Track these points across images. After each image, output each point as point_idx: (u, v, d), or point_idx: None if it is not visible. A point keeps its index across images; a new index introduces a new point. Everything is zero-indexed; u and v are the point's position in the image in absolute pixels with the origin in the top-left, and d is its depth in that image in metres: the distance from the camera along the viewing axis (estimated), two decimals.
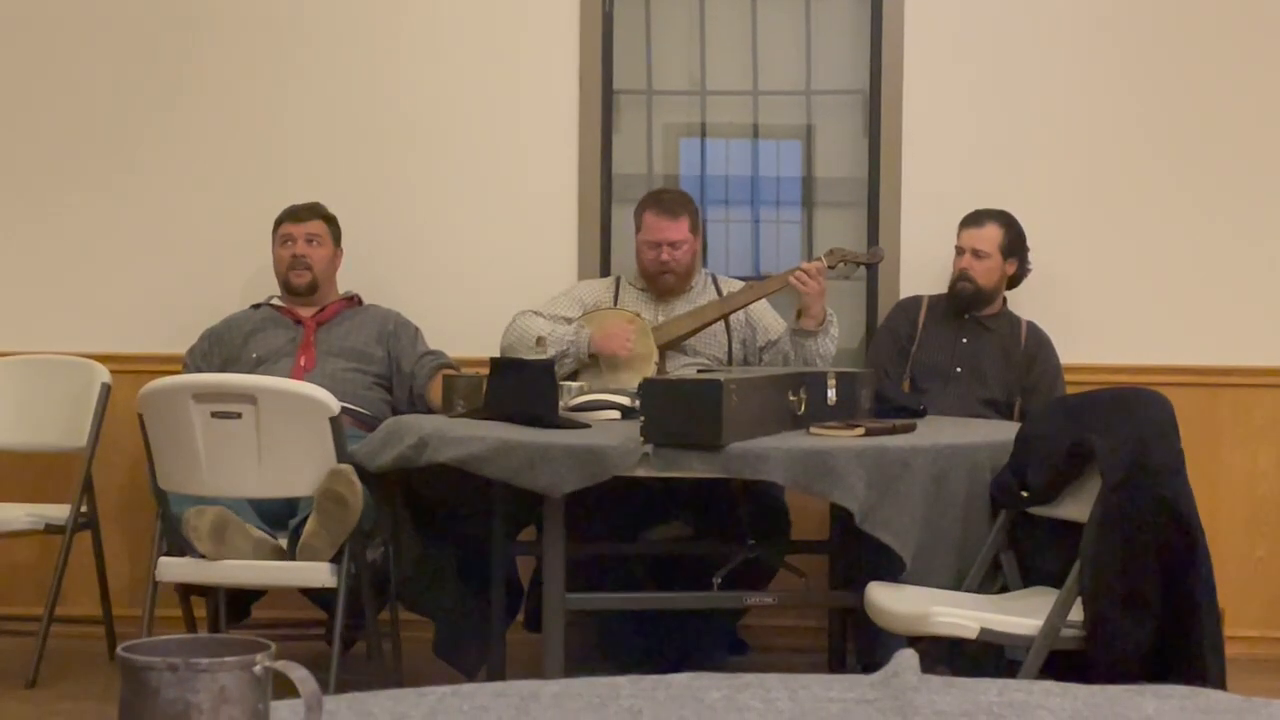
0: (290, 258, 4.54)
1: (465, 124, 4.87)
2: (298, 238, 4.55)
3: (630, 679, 1.49)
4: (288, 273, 4.55)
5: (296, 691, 1.18)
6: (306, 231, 4.55)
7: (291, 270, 4.54)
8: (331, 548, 3.65)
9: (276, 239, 4.58)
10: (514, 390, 3.64)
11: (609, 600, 3.87)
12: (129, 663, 1.15)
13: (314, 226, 4.57)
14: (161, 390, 3.74)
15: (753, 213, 5.03)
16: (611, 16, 4.89)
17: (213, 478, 3.70)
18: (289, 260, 4.54)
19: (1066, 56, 4.84)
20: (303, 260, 4.53)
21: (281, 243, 4.57)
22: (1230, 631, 3.28)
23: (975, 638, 3.07)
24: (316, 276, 4.54)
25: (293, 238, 4.55)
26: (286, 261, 4.55)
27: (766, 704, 1.42)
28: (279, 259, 4.57)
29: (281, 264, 4.56)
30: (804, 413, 3.60)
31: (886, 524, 3.30)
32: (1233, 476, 4.77)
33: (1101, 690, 1.48)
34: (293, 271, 4.54)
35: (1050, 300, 4.72)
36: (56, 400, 4.57)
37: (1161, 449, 3.09)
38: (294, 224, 4.56)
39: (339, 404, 3.72)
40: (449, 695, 1.43)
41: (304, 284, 4.54)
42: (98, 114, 4.91)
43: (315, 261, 4.54)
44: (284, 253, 4.56)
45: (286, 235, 4.56)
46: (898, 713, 1.39)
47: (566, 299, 4.50)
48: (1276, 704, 1.44)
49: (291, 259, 4.54)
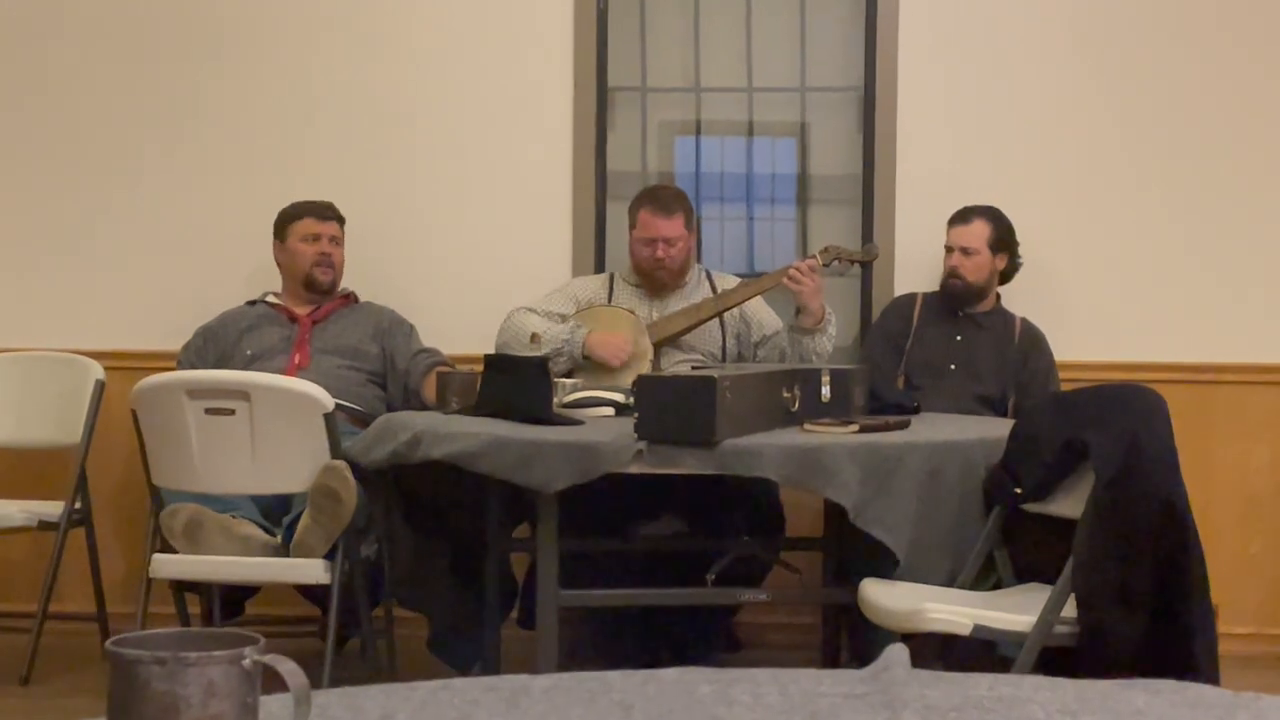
0: (318, 255, 4.52)
1: (460, 121, 4.88)
2: (324, 236, 4.53)
3: (621, 674, 1.49)
4: (313, 269, 4.52)
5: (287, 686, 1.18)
6: (332, 232, 4.55)
7: (318, 267, 4.52)
8: (325, 544, 3.65)
9: (296, 233, 4.54)
10: (508, 387, 3.65)
11: (603, 597, 3.87)
12: (118, 656, 1.16)
13: (335, 228, 4.57)
14: (155, 386, 3.74)
15: (747, 210, 5.03)
16: (606, 13, 4.89)
17: (207, 474, 3.70)
18: (315, 257, 4.52)
19: (1060, 53, 4.85)
20: (329, 259, 4.53)
21: (305, 238, 4.53)
22: (1224, 628, 3.29)
23: (969, 634, 3.07)
24: (337, 277, 4.56)
25: (319, 236, 4.53)
26: (312, 258, 4.52)
27: (756, 698, 1.42)
28: (301, 254, 4.53)
29: (305, 260, 4.52)
30: (798, 409, 3.61)
31: (880, 520, 3.30)
32: (1226, 473, 4.78)
33: (1091, 684, 1.49)
34: (319, 269, 4.52)
35: (1044, 297, 4.73)
36: (50, 397, 4.58)
37: (1155, 445, 3.09)
38: (319, 221, 4.54)
39: (333, 400, 3.73)
40: (439, 690, 1.43)
41: (329, 281, 4.54)
42: (92, 111, 4.91)
43: (337, 262, 4.56)
44: (309, 249, 4.52)
45: (311, 232, 4.53)
46: (887, 707, 1.39)
47: (561, 295, 4.51)
48: (1266, 698, 1.44)
49: (319, 256, 4.52)
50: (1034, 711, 1.39)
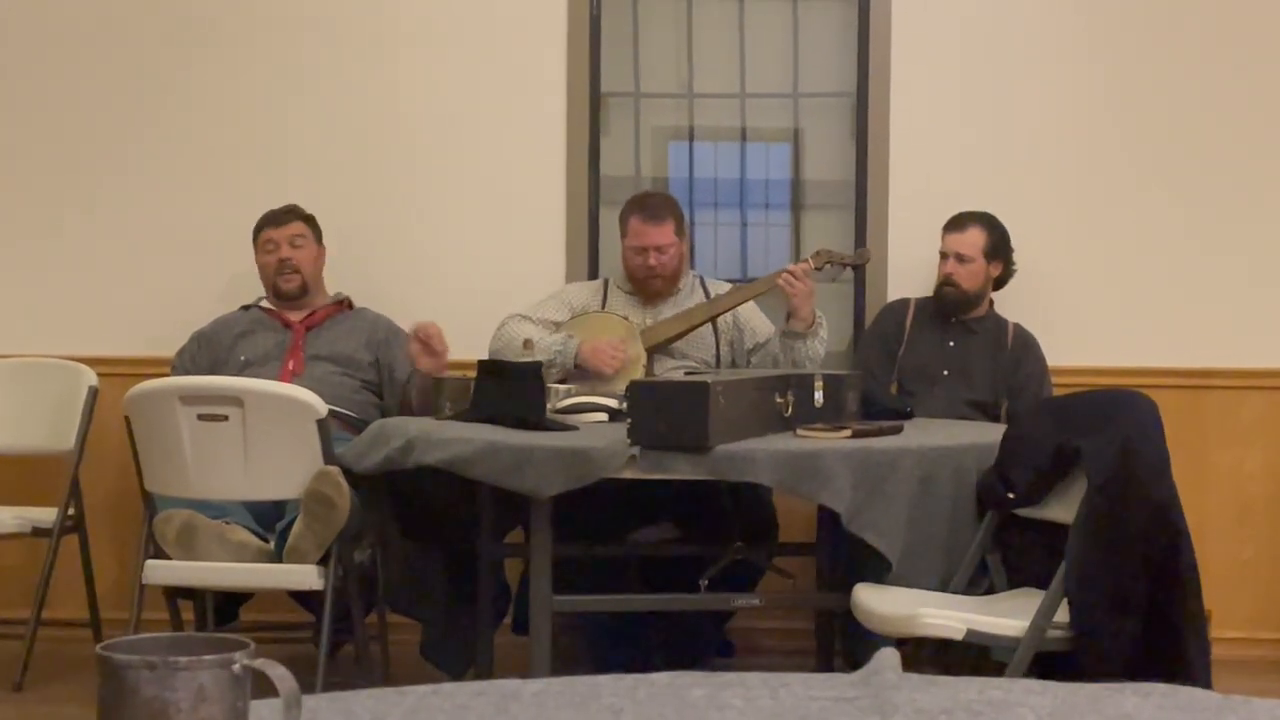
0: (277, 263, 4.50)
1: (454, 127, 4.88)
2: (280, 242, 4.50)
3: (611, 678, 1.49)
4: (275, 279, 4.50)
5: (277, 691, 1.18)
6: (289, 234, 4.51)
7: (279, 276, 4.50)
8: (318, 550, 3.65)
9: (259, 246, 4.54)
10: (501, 392, 3.65)
11: (596, 602, 3.88)
12: (108, 661, 1.15)
13: (295, 228, 4.52)
14: (148, 393, 3.75)
15: (741, 215, 5.04)
16: (599, 20, 4.90)
17: (199, 480, 3.70)
18: (275, 266, 4.50)
19: (1052, 59, 4.86)
20: (289, 264, 4.49)
21: (265, 250, 4.52)
22: (1217, 633, 3.30)
23: (962, 639, 3.08)
24: (306, 279, 4.52)
25: (275, 242, 4.51)
26: (273, 267, 4.51)
27: (748, 702, 1.42)
28: (264, 266, 4.53)
29: (268, 270, 4.52)
30: (791, 415, 3.61)
31: (873, 525, 3.31)
32: (1219, 478, 4.79)
33: (1081, 688, 1.49)
34: (280, 277, 4.50)
35: (1036, 303, 4.73)
36: (44, 403, 4.57)
37: (1147, 451, 3.10)
38: (275, 228, 4.52)
39: (326, 406, 3.73)
40: (429, 694, 1.44)
41: (294, 287, 4.51)
42: (85, 118, 4.92)
43: (302, 263, 4.51)
44: (269, 259, 4.52)
45: (269, 241, 4.52)
46: (878, 710, 1.40)
47: (554, 301, 4.51)
48: (1256, 701, 1.44)
49: (278, 264, 4.49)
50: (1024, 715, 1.39)
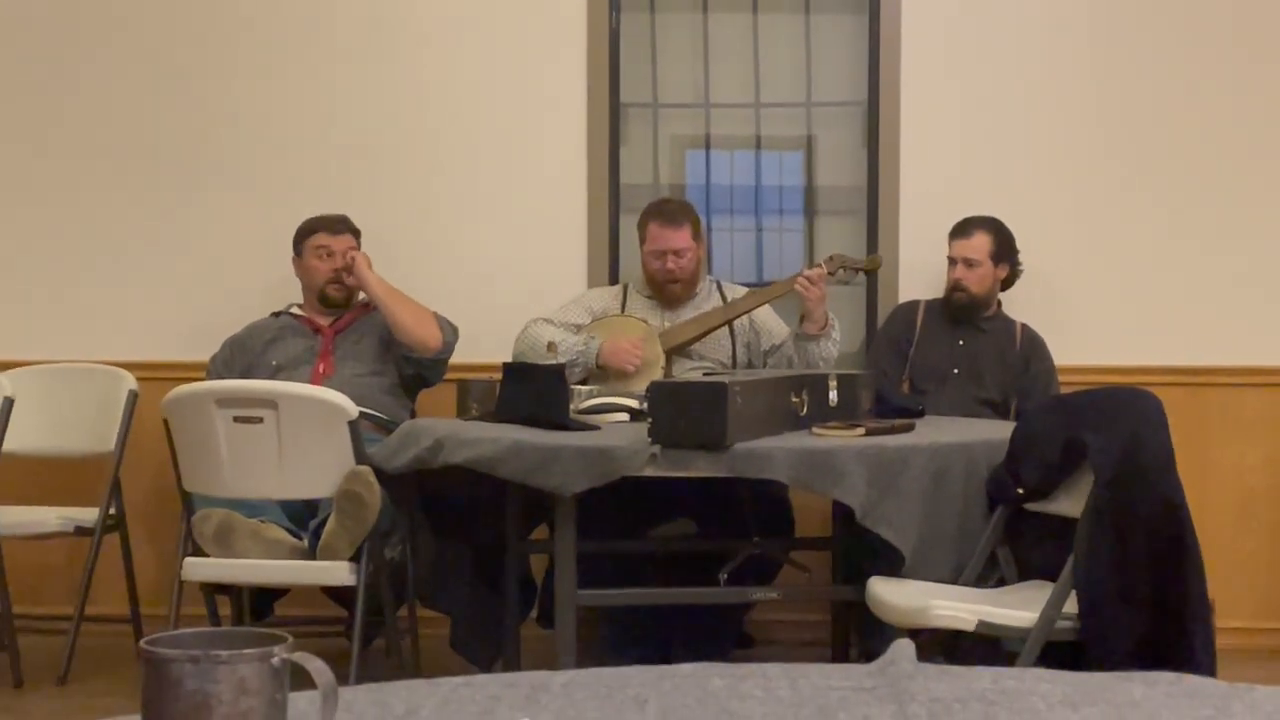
0: (331, 271, 4.52)
1: (479, 138, 4.92)
2: (337, 251, 4.52)
3: (637, 669, 1.50)
4: (326, 285, 4.52)
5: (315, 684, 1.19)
6: (345, 245, 4.52)
7: (331, 284, 4.53)
8: (351, 547, 3.70)
9: (308, 249, 4.55)
10: (526, 394, 3.69)
11: (619, 596, 3.89)
12: (151, 655, 1.16)
13: (350, 240, 4.54)
14: (186, 396, 3.79)
15: (756, 221, 5.07)
16: (618, 33, 4.94)
17: (235, 480, 3.76)
18: (329, 274, 4.53)
19: (1058, 66, 4.90)
20: (342, 274, 4.52)
21: (317, 254, 4.53)
22: (1221, 623, 3.30)
23: (973, 630, 3.11)
24: (352, 291, 4.56)
25: (331, 250, 4.52)
26: (326, 275, 4.52)
27: (767, 692, 1.43)
28: (314, 270, 4.54)
29: (318, 276, 4.53)
30: (806, 414, 3.63)
31: (887, 520, 3.34)
32: (1222, 472, 4.82)
33: (1090, 677, 1.50)
34: (332, 285, 4.52)
35: (1044, 304, 4.77)
36: (85, 407, 4.60)
37: (1152, 446, 3.13)
38: (331, 236, 4.52)
39: (357, 408, 3.77)
40: (461, 686, 1.44)
41: (343, 297, 4.55)
42: (123, 125, 4.96)
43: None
44: (322, 265, 4.53)
45: (323, 247, 4.52)
46: (894, 700, 1.40)
47: (576, 306, 4.55)
48: (1260, 689, 1.46)
49: (333, 273, 4.53)
50: (1035, 703, 1.40)
